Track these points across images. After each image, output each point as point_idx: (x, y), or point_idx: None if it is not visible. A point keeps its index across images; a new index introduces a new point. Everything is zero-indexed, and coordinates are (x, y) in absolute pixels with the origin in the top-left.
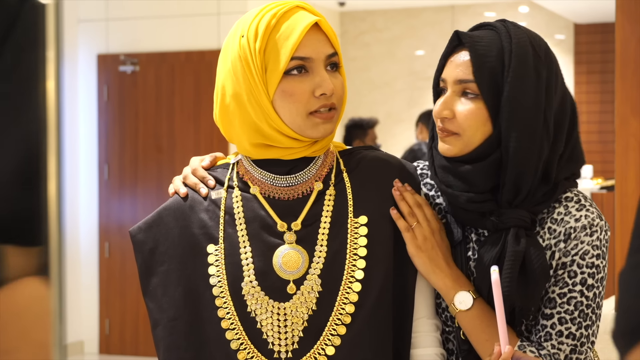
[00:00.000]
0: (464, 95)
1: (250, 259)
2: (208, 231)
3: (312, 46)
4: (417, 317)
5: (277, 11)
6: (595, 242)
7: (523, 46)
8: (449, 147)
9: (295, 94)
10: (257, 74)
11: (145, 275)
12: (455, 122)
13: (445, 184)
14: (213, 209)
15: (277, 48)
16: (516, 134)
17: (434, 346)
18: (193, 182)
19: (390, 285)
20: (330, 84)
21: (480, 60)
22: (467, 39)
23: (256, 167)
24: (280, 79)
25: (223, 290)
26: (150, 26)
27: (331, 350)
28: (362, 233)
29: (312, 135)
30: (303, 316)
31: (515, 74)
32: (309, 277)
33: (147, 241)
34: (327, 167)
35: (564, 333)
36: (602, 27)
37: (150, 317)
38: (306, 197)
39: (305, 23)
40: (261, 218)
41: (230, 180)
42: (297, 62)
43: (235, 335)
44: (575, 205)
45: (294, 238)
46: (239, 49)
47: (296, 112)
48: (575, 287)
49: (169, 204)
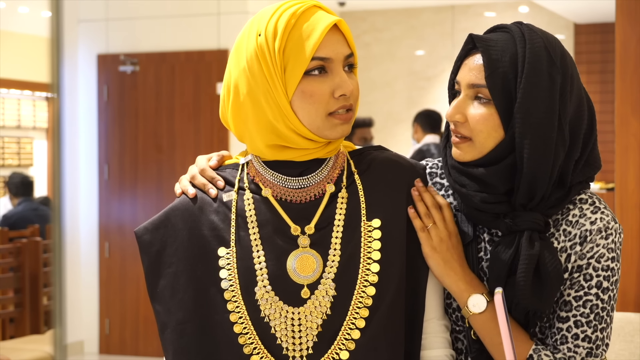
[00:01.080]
0: (476, 99)
1: (263, 263)
2: (219, 233)
3: (331, 46)
4: (427, 318)
5: (296, 10)
6: (610, 245)
7: (537, 51)
8: (461, 153)
9: (315, 94)
10: (276, 74)
11: (152, 277)
12: (467, 126)
13: (459, 183)
14: (223, 211)
15: (297, 48)
16: (529, 141)
17: (444, 347)
18: (202, 183)
19: (403, 288)
20: (350, 84)
21: (493, 65)
22: (481, 42)
23: (267, 168)
24: (300, 79)
25: (235, 294)
26: (150, 26)
27: (345, 355)
28: (375, 237)
29: (330, 136)
30: (317, 321)
31: (527, 81)
32: (323, 282)
33: (154, 242)
34: (339, 168)
35: (579, 336)
36: (602, 27)
37: (158, 320)
38: (318, 200)
39: (326, 23)
40: (274, 221)
41: (240, 181)
42: (318, 63)
43: (248, 339)
44: (590, 208)
45: (307, 242)
46: (256, 47)
47: (315, 112)
48: (591, 290)
49: (177, 205)
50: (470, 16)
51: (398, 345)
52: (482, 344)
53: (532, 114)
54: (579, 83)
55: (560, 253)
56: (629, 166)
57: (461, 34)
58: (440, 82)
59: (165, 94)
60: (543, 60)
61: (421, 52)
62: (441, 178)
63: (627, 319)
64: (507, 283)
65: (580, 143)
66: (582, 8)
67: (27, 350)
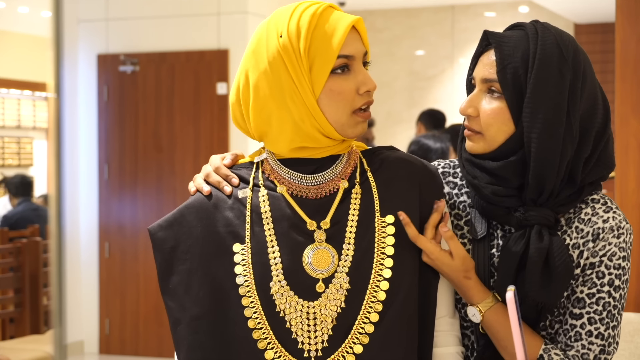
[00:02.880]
0: (489, 93)
1: (278, 258)
2: (234, 230)
3: (353, 45)
4: (439, 316)
5: (315, 10)
6: (621, 245)
7: (549, 48)
8: (473, 145)
9: (343, 92)
10: (303, 73)
11: (165, 274)
12: (479, 121)
13: (472, 175)
14: (238, 207)
15: (322, 47)
16: (537, 135)
17: (455, 345)
18: (216, 180)
19: (416, 284)
20: (372, 81)
21: (505, 60)
22: (494, 39)
23: (282, 166)
24: (327, 77)
25: (250, 290)
26: (150, 26)
27: (359, 349)
28: (389, 232)
29: (351, 134)
30: (332, 314)
31: (537, 76)
32: (337, 275)
33: (167, 239)
34: (352, 165)
35: (593, 333)
36: (602, 27)
37: (170, 316)
38: (332, 196)
39: (348, 22)
40: (289, 217)
41: (255, 179)
42: (343, 61)
43: (262, 334)
44: (602, 207)
45: (324, 236)
46: (279, 48)
47: (342, 110)
48: (603, 288)
49: (191, 202)
50: (470, 16)
51: (411, 340)
52: (489, 338)
53: (540, 109)
54: (593, 81)
55: (573, 249)
56: (629, 166)
57: (461, 34)
58: (440, 82)
59: (165, 94)
60: (554, 56)
61: (421, 52)
62: (454, 177)
63: (627, 319)
64: (516, 278)
65: (592, 141)
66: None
67: (27, 350)
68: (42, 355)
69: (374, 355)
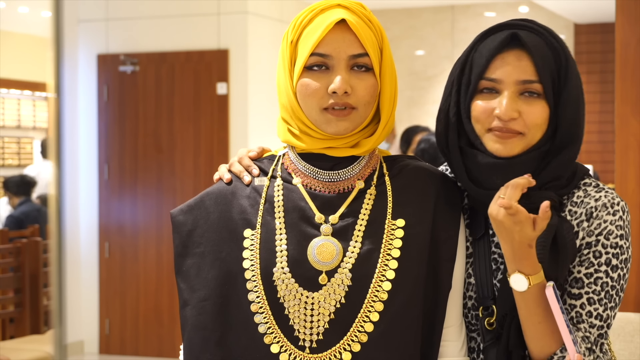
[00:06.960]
0: (524, 95)
1: (284, 246)
2: (247, 217)
3: (333, 44)
4: (447, 325)
5: (316, 6)
6: (618, 222)
7: (563, 43)
8: (511, 148)
9: (310, 88)
10: (287, 66)
11: (180, 256)
12: (521, 122)
13: (487, 184)
14: (254, 196)
15: (304, 42)
16: (574, 130)
17: (461, 356)
18: (238, 170)
19: (421, 290)
20: (342, 83)
21: (542, 61)
22: (528, 42)
23: (301, 159)
24: (301, 72)
25: (255, 275)
26: (150, 26)
27: (357, 347)
28: (398, 235)
29: (328, 131)
30: (330, 307)
31: (573, 74)
32: (340, 270)
33: (186, 222)
34: (371, 168)
35: (592, 314)
36: (602, 27)
37: (180, 297)
38: (347, 194)
39: (331, 20)
40: (300, 209)
41: (274, 170)
42: (317, 59)
43: (263, 319)
44: (594, 189)
45: (330, 230)
46: (282, 40)
47: (311, 106)
48: (600, 267)
49: (212, 189)
50: (470, 16)
51: (411, 345)
52: (495, 334)
53: (578, 105)
54: None
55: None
56: (629, 166)
57: (461, 34)
58: (440, 82)
59: (165, 94)
60: (568, 49)
61: (421, 52)
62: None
63: (627, 319)
64: None
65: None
66: (582, 8)
67: (27, 350)
68: (42, 355)
69: (372, 355)
